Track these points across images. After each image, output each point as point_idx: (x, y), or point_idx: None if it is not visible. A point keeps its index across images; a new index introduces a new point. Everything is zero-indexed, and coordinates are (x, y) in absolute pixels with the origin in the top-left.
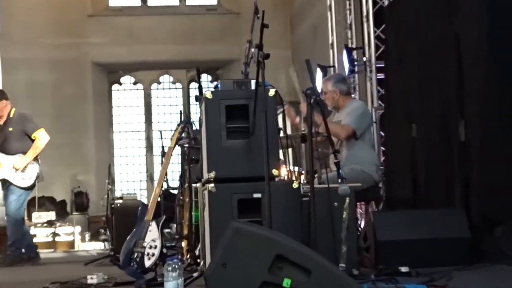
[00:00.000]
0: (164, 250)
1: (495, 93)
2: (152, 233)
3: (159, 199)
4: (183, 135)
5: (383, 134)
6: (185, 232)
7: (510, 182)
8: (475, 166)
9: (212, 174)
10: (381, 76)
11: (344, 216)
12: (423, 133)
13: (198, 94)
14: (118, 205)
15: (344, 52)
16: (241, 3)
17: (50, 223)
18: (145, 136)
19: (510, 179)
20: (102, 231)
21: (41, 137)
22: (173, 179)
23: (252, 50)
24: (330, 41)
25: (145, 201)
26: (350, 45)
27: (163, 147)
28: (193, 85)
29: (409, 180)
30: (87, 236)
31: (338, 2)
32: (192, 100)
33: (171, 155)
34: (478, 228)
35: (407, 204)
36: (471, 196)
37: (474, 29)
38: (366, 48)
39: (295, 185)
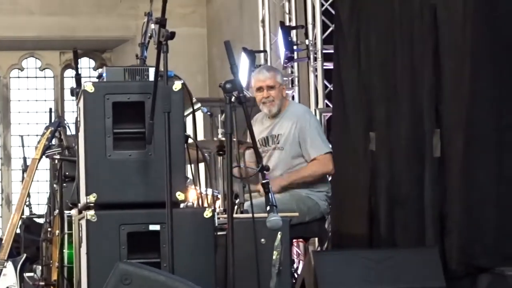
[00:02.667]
0: None
1: (485, 91)
2: (7, 278)
3: (17, 231)
4: (53, 142)
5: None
6: (54, 277)
7: (501, 214)
8: (454, 192)
9: (93, 198)
10: (329, 65)
11: (274, 257)
12: (385, 146)
13: (75, 86)
14: None
15: (280, 32)
16: None
17: None
18: (0, 143)
19: (502, 210)
20: None
21: None
22: (39, 203)
23: (152, 26)
24: (261, 17)
25: None
26: (287, 23)
27: (25, 158)
28: (69, 73)
29: (365, 209)
30: None
31: None
32: (67, 94)
33: (36, 169)
34: (456, 275)
35: (361, 242)
36: (448, 233)
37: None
38: (310, 27)
39: (207, 214)
